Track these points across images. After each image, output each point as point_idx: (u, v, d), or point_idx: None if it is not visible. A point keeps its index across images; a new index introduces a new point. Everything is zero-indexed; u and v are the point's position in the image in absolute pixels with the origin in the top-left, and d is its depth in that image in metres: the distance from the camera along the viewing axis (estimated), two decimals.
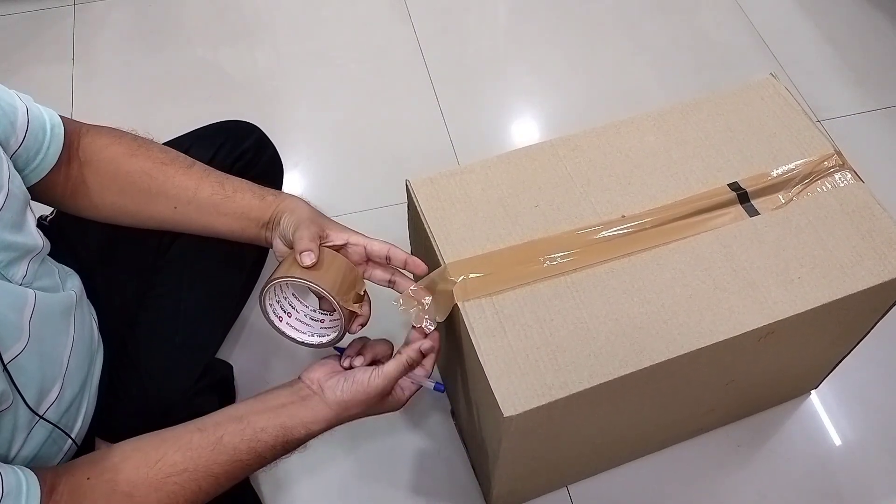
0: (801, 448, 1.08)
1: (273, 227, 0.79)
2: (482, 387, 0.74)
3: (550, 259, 0.77)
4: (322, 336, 0.78)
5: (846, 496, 1.04)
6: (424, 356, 0.75)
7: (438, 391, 0.78)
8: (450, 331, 0.81)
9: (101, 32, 1.59)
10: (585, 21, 1.62)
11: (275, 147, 1.08)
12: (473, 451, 1.02)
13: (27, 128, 0.73)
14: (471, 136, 1.43)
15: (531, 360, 0.72)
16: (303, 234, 0.74)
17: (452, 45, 1.58)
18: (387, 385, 0.72)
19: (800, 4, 1.64)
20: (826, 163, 0.84)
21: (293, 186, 1.35)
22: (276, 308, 0.77)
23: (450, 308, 0.76)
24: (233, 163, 0.98)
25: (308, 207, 0.79)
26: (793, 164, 0.84)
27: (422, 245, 0.84)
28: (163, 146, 0.85)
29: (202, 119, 1.04)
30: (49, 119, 0.76)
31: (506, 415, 0.69)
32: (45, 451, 0.74)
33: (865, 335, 0.95)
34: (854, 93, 1.49)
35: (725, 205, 0.81)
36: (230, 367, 1.06)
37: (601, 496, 1.03)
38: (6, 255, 0.68)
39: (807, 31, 1.60)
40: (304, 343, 0.77)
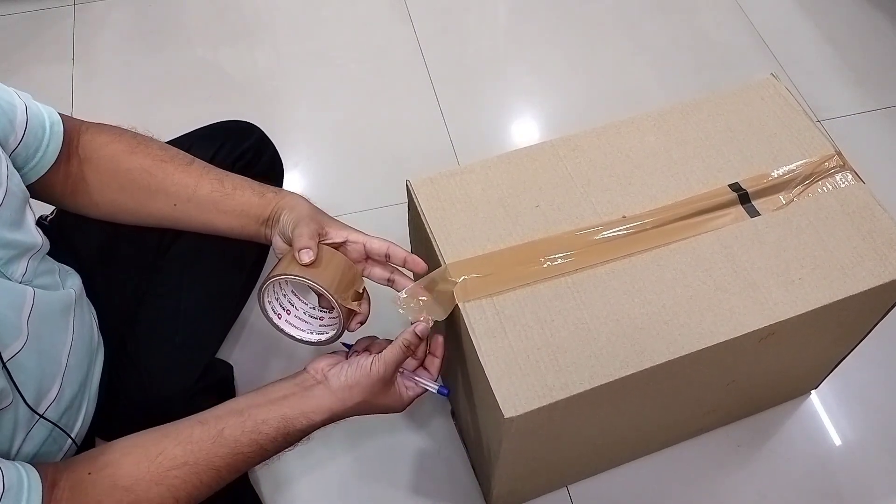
0: (801, 448, 1.08)
1: (272, 225, 0.79)
2: (483, 387, 0.74)
3: (551, 259, 0.77)
4: (321, 334, 0.77)
5: (846, 496, 1.04)
6: (421, 339, 0.75)
7: (442, 395, 0.78)
8: (450, 331, 0.81)
9: (101, 32, 1.59)
10: (585, 21, 1.62)
11: (275, 147, 1.08)
12: (473, 452, 1.02)
13: (26, 126, 0.73)
14: (471, 136, 1.43)
15: (532, 361, 0.72)
16: (302, 232, 0.73)
17: (452, 45, 1.58)
18: (387, 371, 0.72)
19: (800, 4, 1.64)
20: (827, 163, 0.84)
21: (293, 186, 1.35)
22: (275, 305, 0.77)
23: (450, 308, 0.75)
24: (233, 163, 0.98)
25: (308, 204, 0.79)
26: (793, 165, 0.84)
27: (422, 245, 0.84)
28: (162, 143, 0.84)
29: (202, 119, 1.04)
30: (48, 117, 0.76)
31: (506, 416, 0.69)
32: (46, 451, 0.74)
33: (866, 336, 0.94)
34: (854, 93, 1.49)
35: (726, 205, 0.81)
36: (230, 367, 1.06)
37: (601, 496, 1.03)
38: (5, 253, 0.68)
39: (807, 31, 1.60)
40: (303, 340, 0.77)
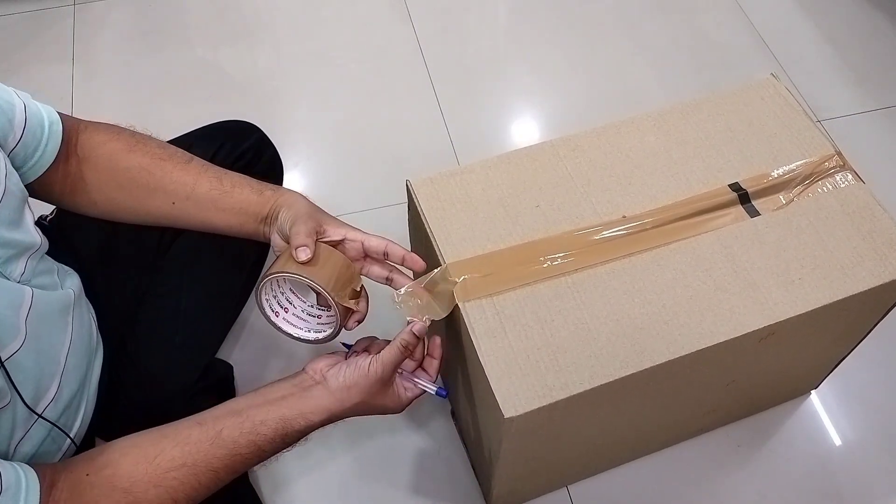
0: (801, 448, 1.08)
1: (271, 223, 0.79)
2: (483, 387, 0.74)
3: (551, 259, 0.77)
4: (318, 332, 0.77)
5: (846, 496, 1.04)
6: (419, 339, 0.75)
7: (441, 396, 0.78)
8: (450, 331, 0.81)
9: (101, 32, 1.59)
10: (585, 21, 1.62)
11: (275, 147, 1.08)
12: (473, 452, 1.02)
13: (25, 125, 0.73)
14: (471, 136, 1.42)
15: (532, 361, 0.72)
16: (299, 230, 0.73)
17: (452, 45, 1.58)
18: (385, 371, 0.72)
19: (800, 4, 1.64)
20: (827, 163, 0.84)
21: (293, 186, 1.34)
22: (273, 303, 0.77)
23: (450, 308, 0.75)
24: (233, 163, 0.98)
25: (306, 202, 0.79)
26: (793, 165, 0.84)
27: (422, 245, 0.84)
28: (161, 142, 0.84)
29: (202, 119, 1.04)
30: (47, 116, 0.76)
31: (506, 416, 0.69)
32: (44, 451, 0.74)
33: (866, 335, 0.94)
34: (854, 93, 1.49)
35: (726, 205, 0.81)
36: (230, 367, 1.06)
37: (601, 496, 1.03)
38: (4, 252, 0.68)
39: (807, 31, 1.60)
40: (301, 339, 0.77)
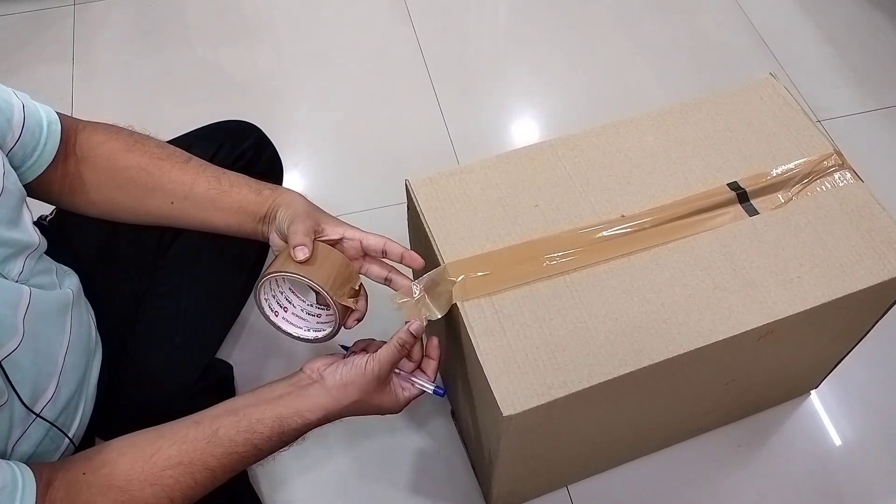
0: (801, 448, 1.08)
1: (269, 222, 0.79)
2: (481, 386, 0.74)
3: (550, 259, 0.77)
4: (317, 331, 0.77)
5: (846, 496, 1.04)
6: (416, 337, 0.75)
7: (438, 395, 0.78)
8: (449, 331, 0.81)
9: (101, 32, 1.59)
10: (585, 21, 1.62)
11: (274, 147, 1.08)
12: (473, 451, 1.02)
13: (23, 125, 0.73)
14: (471, 136, 1.43)
15: (530, 360, 0.72)
16: (297, 229, 0.73)
17: (452, 45, 1.58)
18: (381, 369, 0.72)
19: (800, 4, 1.64)
20: (826, 162, 0.84)
21: (293, 186, 1.34)
22: (272, 303, 0.77)
23: (448, 307, 0.75)
24: (233, 163, 0.98)
25: (304, 201, 0.79)
26: (792, 164, 0.84)
27: (421, 245, 0.84)
28: (159, 141, 0.84)
29: (202, 119, 1.04)
30: (46, 116, 0.76)
31: (505, 414, 0.69)
32: (42, 450, 0.74)
33: (865, 335, 0.94)
34: (854, 93, 1.49)
35: (725, 204, 0.81)
36: (230, 367, 1.06)
37: (601, 496, 1.03)
38: (2, 251, 0.68)
39: (807, 31, 1.60)
40: (300, 338, 0.77)
